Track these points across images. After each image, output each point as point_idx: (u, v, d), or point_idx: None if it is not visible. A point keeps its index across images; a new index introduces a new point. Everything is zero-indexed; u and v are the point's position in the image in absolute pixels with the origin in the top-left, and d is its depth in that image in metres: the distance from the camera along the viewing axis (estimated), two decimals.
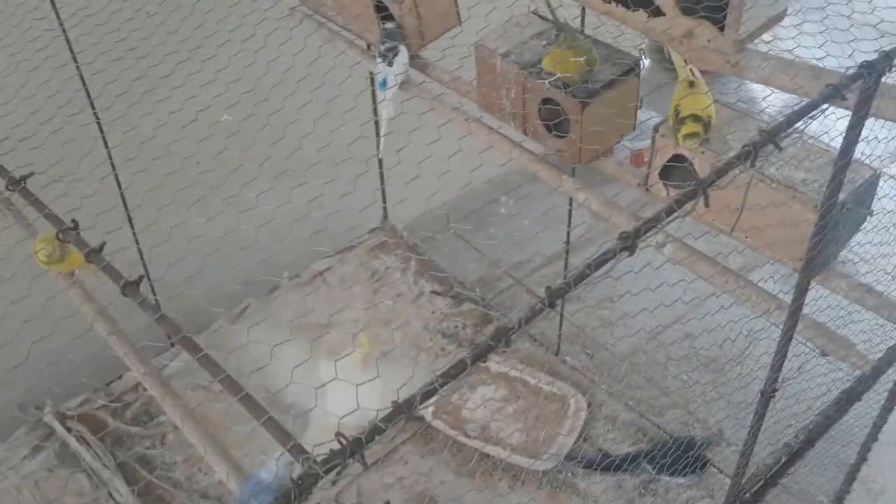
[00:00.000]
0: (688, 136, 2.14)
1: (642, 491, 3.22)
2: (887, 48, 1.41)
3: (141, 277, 1.76)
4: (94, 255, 1.78)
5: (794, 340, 1.89)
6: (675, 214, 1.22)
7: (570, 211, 3.35)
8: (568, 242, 3.48)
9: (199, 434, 2.05)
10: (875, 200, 2.22)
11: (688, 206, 1.22)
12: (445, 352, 3.84)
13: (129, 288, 1.66)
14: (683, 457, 3.05)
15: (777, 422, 3.43)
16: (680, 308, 4.28)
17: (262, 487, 1.96)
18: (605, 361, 4.13)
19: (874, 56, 1.45)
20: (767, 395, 1.75)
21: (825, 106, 1.27)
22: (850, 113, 1.40)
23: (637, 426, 3.45)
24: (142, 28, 3.28)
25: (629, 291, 4.33)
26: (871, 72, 1.23)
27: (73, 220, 2.10)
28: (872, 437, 2.47)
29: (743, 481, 1.93)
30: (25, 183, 2.19)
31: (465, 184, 4.73)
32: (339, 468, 1.17)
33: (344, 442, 1.17)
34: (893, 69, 1.27)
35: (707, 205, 1.23)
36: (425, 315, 4.01)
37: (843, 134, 1.38)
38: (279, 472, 1.94)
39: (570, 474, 3.32)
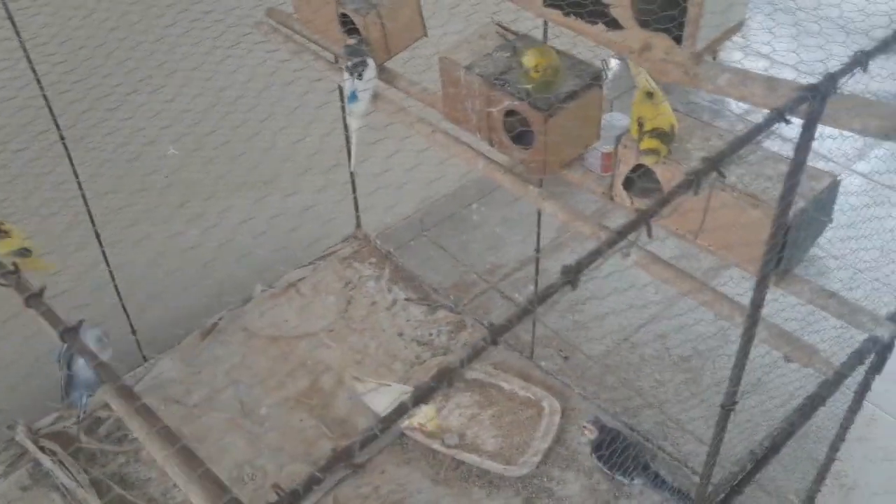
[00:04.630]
0: (646, 151, 2.16)
1: (616, 494, 3.25)
2: (849, 55, 1.43)
3: (80, 322, 1.73)
4: (33, 300, 1.75)
5: (757, 347, 1.92)
6: (618, 246, 1.24)
7: (538, 218, 3.37)
8: (538, 249, 3.50)
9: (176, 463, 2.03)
10: (844, 197, 2.25)
11: (631, 236, 1.24)
12: (420, 360, 3.85)
13: (68, 333, 1.64)
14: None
15: (749, 420, 3.48)
16: (652, 308, 4.33)
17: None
18: (579, 364, 4.16)
19: (845, 57, 1.47)
20: (727, 408, 1.77)
21: (768, 130, 1.29)
22: None
23: (640, 448, 3.46)
24: (104, 44, 3.26)
25: (601, 294, 4.38)
26: (815, 94, 1.25)
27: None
28: (840, 437, 2.51)
29: (707, 492, 1.95)
30: None
31: (436, 191, 4.76)
32: None
33: (280, 494, 1.18)
34: (838, 90, 1.30)
35: (650, 235, 1.25)
36: (400, 323, 4.01)
37: (793, 151, 1.41)
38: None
39: (545, 479, 3.34)
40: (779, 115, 1.26)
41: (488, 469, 3.35)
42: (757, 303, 1.55)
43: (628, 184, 2.32)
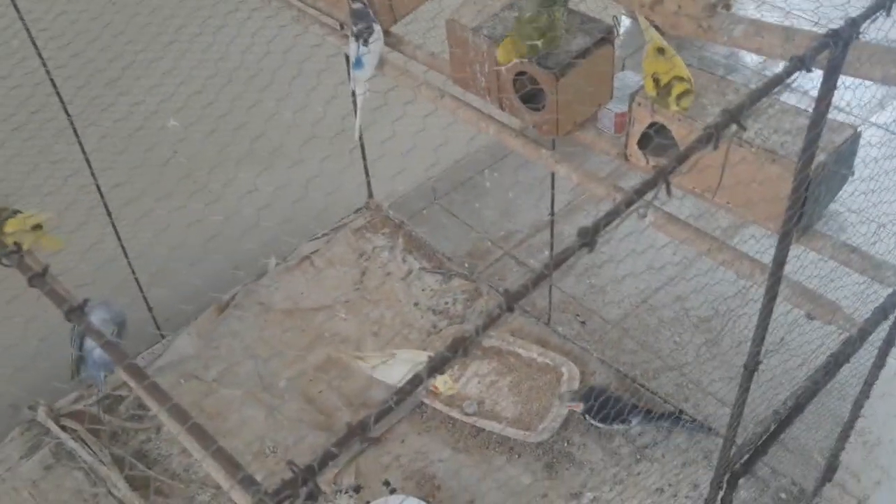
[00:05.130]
0: (681, 95, 2.10)
1: (638, 457, 3.23)
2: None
3: (86, 301, 1.71)
4: (37, 279, 1.73)
5: (779, 305, 1.88)
6: (636, 205, 1.20)
7: (552, 181, 3.32)
8: (552, 213, 3.45)
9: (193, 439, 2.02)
10: (863, 150, 2.19)
11: (648, 196, 1.20)
12: (437, 329, 3.83)
13: (74, 313, 1.62)
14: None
15: (771, 378, 3.44)
16: (670, 270, 4.28)
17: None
18: (596, 328, 4.13)
19: (863, 7, 1.41)
20: (751, 368, 1.73)
21: (790, 80, 1.23)
22: None
23: (631, 391, 3.45)
24: (111, 24, 3.21)
25: (618, 256, 4.33)
26: (837, 41, 1.20)
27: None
28: (864, 394, 2.47)
29: (731, 453, 1.92)
30: None
31: (447, 157, 4.71)
32: (291, 499, 1.16)
33: (296, 470, 1.16)
34: (861, 35, 1.24)
35: (669, 193, 1.21)
36: (415, 293, 3.99)
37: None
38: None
39: (565, 444, 3.33)
40: (800, 63, 1.20)
41: (508, 436, 3.34)
42: (780, 260, 1.51)
43: (644, 142, 2.26)
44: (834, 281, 2.44)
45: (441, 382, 3.39)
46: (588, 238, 1.16)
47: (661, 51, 2.04)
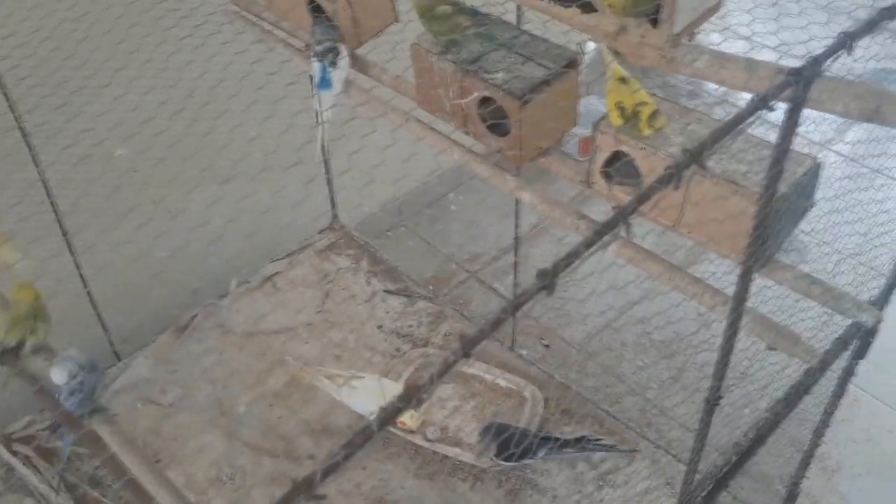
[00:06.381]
0: (651, 117, 2.11)
1: (601, 483, 3.22)
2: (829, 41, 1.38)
3: (20, 343, 1.66)
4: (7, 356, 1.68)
5: (742, 337, 1.88)
6: (595, 247, 1.19)
7: (516, 204, 3.31)
8: (517, 238, 3.45)
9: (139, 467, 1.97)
10: (826, 179, 2.21)
11: (608, 237, 1.18)
12: (401, 352, 3.79)
13: (6, 355, 1.57)
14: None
15: (734, 404, 3.45)
16: (632, 292, 4.30)
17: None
18: (560, 351, 4.12)
19: (827, 37, 1.41)
20: (712, 402, 1.73)
21: (751, 119, 1.23)
22: None
23: (594, 417, 3.44)
24: (71, 37, 3.16)
25: (581, 277, 4.33)
26: (798, 79, 1.20)
27: None
28: (825, 422, 2.48)
29: (693, 486, 1.91)
30: None
31: (413, 179, 4.69)
32: None
33: None
34: (823, 75, 1.24)
35: (628, 233, 1.20)
36: (379, 315, 3.95)
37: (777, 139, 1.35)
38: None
39: (528, 470, 3.30)
40: (762, 103, 1.20)
41: (471, 462, 3.30)
42: (740, 297, 1.51)
43: (606, 169, 2.26)
44: (796, 305, 2.46)
45: (408, 417, 3.35)
46: (547, 281, 1.14)
47: (623, 80, 2.05)
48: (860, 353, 2.19)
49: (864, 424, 3.68)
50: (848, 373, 2.31)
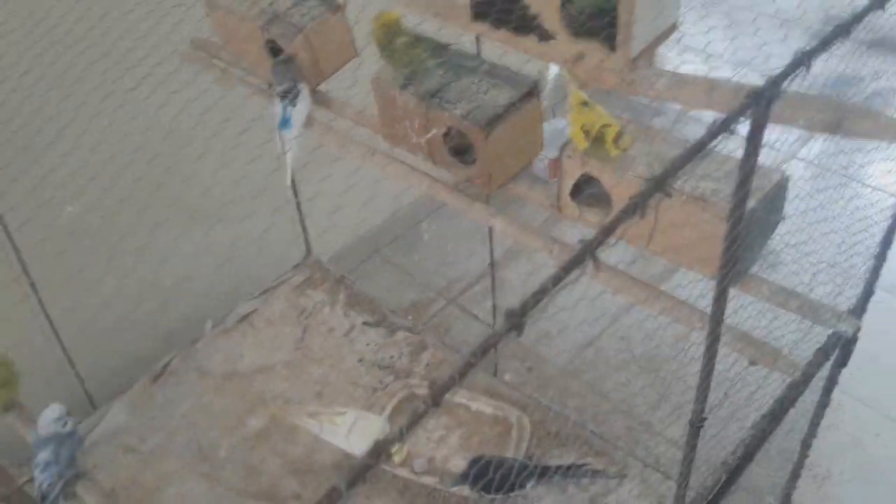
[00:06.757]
0: (616, 138, 2.11)
1: None
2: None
3: None
4: None
5: (725, 355, 1.87)
6: (564, 282, 1.17)
7: (490, 230, 3.30)
8: (492, 263, 3.43)
9: None
10: (795, 188, 2.21)
11: (575, 273, 1.17)
12: (383, 384, 3.74)
13: None
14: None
15: (721, 418, 3.43)
16: (612, 309, 4.29)
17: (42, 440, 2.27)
18: (543, 373, 4.10)
19: (782, 49, 1.40)
20: (696, 425, 1.70)
21: (713, 144, 1.22)
22: None
23: (582, 439, 3.40)
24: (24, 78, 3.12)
25: (561, 299, 4.32)
26: (759, 101, 1.19)
27: None
28: (811, 433, 2.47)
29: None
30: None
31: (385, 209, 4.67)
32: None
33: None
34: (782, 96, 1.23)
35: (597, 267, 1.18)
36: (359, 348, 3.91)
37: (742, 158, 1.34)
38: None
39: (519, 498, 3.26)
40: (724, 127, 1.19)
41: (459, 493, 3.25)
42: (717, 318, 1.49)
43: (575, 192, 2.25)
44: (780, 319, 2.44)
45: (399, 453, 3.30)
46: (516, 321, 1.12)
47: (585, 104, 2.04)
48: (842, 362, 2.18)
49: (851, 429, 3.67)
50: (832, 382, 2.30)
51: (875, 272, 2.11)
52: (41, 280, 3.34)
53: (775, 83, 1.22)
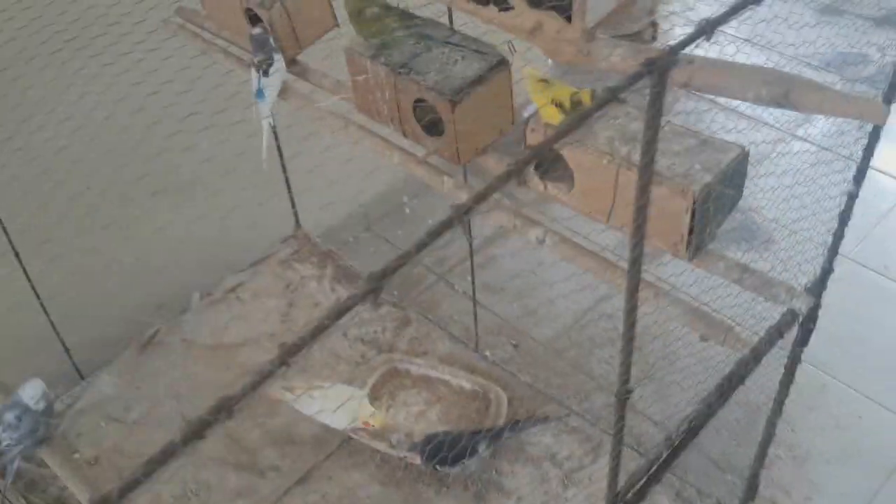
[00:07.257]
0: (594, 97, 2.10)
1: (566, 482, 3.19)
2: None
3: None
4: None
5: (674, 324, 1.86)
6: (427, 248, 1.21)
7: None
8: (469, 240, 3.43)
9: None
10: (784, 158, 2.19)
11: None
12: (365, 359, 3.77)
13: None
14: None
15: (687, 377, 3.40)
16: (601, 288, 4.27)
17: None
18: (529, 350, 4.10)
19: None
20: (622, 398, 1.70)
21: (598, 112, 1.21)
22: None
23: (559, 417, 3.42)
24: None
25: (551, 278, 4.31)
26: (653, 69, 1.18)
27: None
28: (776, 413, 2.46)
29: (619, 487, 1.88)
30: None
31: (378, 184, 4.67)
32: None
33: None
34: (680, 64, 1.22)
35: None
36: (344, 322, 3.91)
37: None
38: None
39: (494, 472, 3.28)
40: (612, 94, 1.19)
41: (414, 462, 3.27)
42: (633, 282, 1.48)
43: (539, 167, 2.25)
44: (744, 296, 2.43)
45: (377, 419, 3.32)
46: (375, 284, 1.16)
47: (544, 81, 2.03)
48: (802, 341, 2.17)
49: (834, 411, 3.66)
50: (794, 361, 2.29)
51: (833, 250, 2.09)
52: (27, 253, 3.38)
53: (672, 51, 1.21)
